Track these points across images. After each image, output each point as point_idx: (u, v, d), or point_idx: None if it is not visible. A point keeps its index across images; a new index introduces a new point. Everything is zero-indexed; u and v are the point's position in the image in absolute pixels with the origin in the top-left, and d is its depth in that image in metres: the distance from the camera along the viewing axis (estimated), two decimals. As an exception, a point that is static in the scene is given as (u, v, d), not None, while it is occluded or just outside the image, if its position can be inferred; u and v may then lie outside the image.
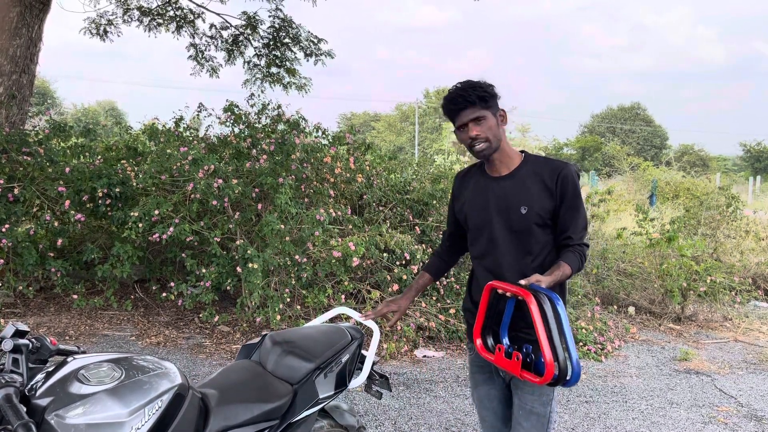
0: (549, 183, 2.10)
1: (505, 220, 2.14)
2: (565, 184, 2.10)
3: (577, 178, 2.13)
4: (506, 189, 2.16)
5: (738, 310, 7.10)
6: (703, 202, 8.78)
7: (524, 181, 2.14)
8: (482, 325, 2.08)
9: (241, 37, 9.15)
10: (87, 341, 5.05)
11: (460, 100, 2.09)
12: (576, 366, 1.81)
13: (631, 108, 49.48)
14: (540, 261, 2.14)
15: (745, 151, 43.04)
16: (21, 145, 5.54)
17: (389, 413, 3.94)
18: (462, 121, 2.11)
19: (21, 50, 6.59)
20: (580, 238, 2.12)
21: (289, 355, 2.20)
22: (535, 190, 2.11)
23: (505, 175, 2.19)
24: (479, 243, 2.24)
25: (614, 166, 23.53)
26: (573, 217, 2.11)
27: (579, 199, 2.12)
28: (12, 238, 4.96)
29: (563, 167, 2.12)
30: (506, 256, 2.15)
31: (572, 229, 2.11)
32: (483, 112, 2.09)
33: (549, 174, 2.11)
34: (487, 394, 2.37)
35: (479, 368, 2.38)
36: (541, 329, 1.81)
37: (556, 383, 1.84)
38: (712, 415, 4.17)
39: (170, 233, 5.01)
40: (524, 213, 2.10)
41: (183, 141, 6.17)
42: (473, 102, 2.08)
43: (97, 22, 8.82)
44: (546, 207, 2.10)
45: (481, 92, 2.08)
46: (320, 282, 5.39)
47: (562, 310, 1.84)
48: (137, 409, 1.59)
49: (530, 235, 2.12)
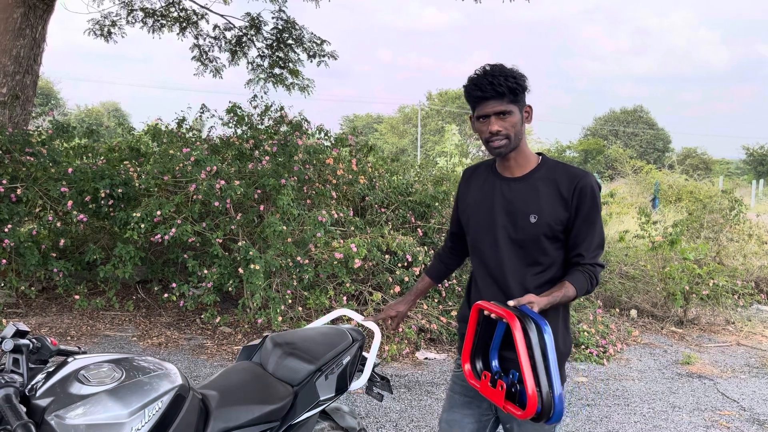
0: (565, 192, 1.89)
1: (512, 227, 1.94)
2: (583, 196, 1.88)
3: (597, 190, 1.92)
4: (517, 192, 1.95)
5: (741, 314, 7.08)
6: (705, 206, 8.76)
7: (538, 187, 1.92)
8: (471, 347, 1.91)
9: (244, 38, 9.17)
10: (88, 342, 5.05)
11: (489, 88, 1.84)
12: (558, 403, 1.64)
13: (634, 111, 49.42)
14: (548, 276, 1.94)
15: (747, 155, 42.91)
16: (24, 146, 5.55)
17: (390, 415, 3.93)
18: (485, 112, 1.88)
19: (24, 51, 6.60)
20: (593, 257, 1.91)
21: (290, 356, 2.20)
22: (548, 198, 1.90)
23: (517, 177, 1.97)
24: (481, 249, 2.03)
25: (617, 169, 23.50)
26: (588, 233, 1.90)
27: (597, 213, 1.91)
28: (14, 239, 4.97)
29: (583, 176, 1.90)
30: (510, 267, 1.94)
31: (585, 245, 1.90)
32: (510, 107, 1.86)
33: (567, 182, 1.90)
34: (460, 421, 2.11)
35: (463, 388, 2.12)
36: (524, 358, 1.63)
37: (539, 419, 1.66)
38: (715, 419, 4.15)
39: (172, 234, 5.01)
40: (534, 222, 1.89)
41: (186, 142, 6.17)
42: (502, 93, 1.84)
43: (101, 23, 8.84)
44: (559, 218, 1.89)
45: (513, 83, 1.84)
46: (322, 283, 5.39)
47: (549, 338, 1.66)
48: (137, 410, 1.58)
49: (538, 246, 1.91)
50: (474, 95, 1.88)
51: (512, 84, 1.84)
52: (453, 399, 2.16)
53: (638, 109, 49.64)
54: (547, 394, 1.64)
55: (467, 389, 2.09)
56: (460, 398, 2.13)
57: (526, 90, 1.91)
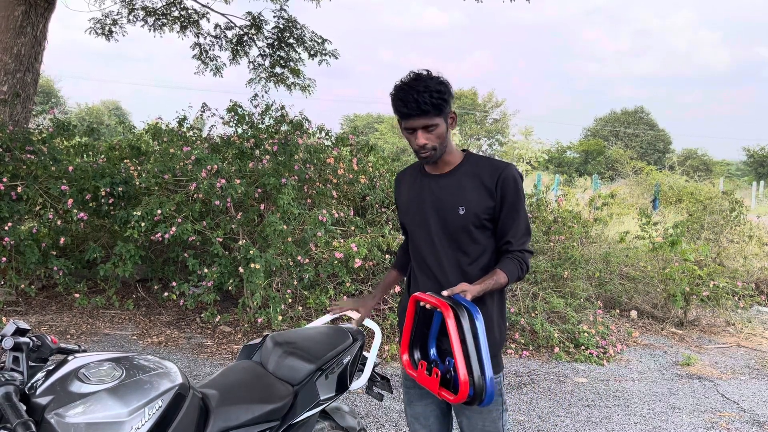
0: (489, 183, 1.99)
1: (442, 220, 2.03)
2: (506, 186, 1.98)
3: (519, 180, 2.02)
4: (444, 188, 2.04)
5: (741, 315, 7.08)
6: (706, 207, 8.77)
7: (463, 181, 2.02)
8: (409, 338, 1.97)
9: (245, 37, 9.17)
10: (88, 340, 5.05)
11: (414, 106, 1.89)
12: (489, 386, 1.71)
13: (635, 112, 49.43)
14: (481, 264, 2.03)
15: (748, 156, 42.92)
16: (24, 144, 5.54)
17: (390, 415, 3.93)
18: (411, 126, 1.94)
19: (26, 49, 6.60)
20: (521, 243, 2.01)
21: (290, 356, 2.19)
22: (474, 190, 2.00)
23: (444, 173, 2.06)
24: (418, 243, 2.12)
25: (617, 169, 23.50)
26: (513, 221, 2.00)
27: (521, 202, 2.01)
28: (15, 237, 4.96)
29: (505, 167, 2.00)
30: (444, 258, 2.04)
31: (512, 233, 2.00)
32: (435, 120, 1.92)
33: (489, 174, 1.99)
34: (423, 411, 2.20)
35: (414, 382, 2.15)
36: (456, 345, 1.70)
37: (471, 402, 1.74)
38: (715, 420, 4.15)
39: (172, 233, 5.01)
40: (462, 213, 1.99)
41: (186, 141, 6.17)
42: (427, 111, 1.89)
43: (102, 21, 8.84)
44: (485, 208, 1.98)
45: (437, 98, 1.88)
46: (322, 283, 5.39)
47: (480, 324, 1.73)
48: (137, 409, 1.58)
49: (468, 236, 2.01)
50: (400, 111, 1.94)
51: (436, 100, 1.88)
52: (409, 393, 2.23)
53: (639, 110, 49.65)
54: (479, 378, 1.70)
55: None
56: (415, 391, 2.20)
57: (450, 99, 1.94)
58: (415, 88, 1.89)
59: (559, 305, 5.70)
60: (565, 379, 4.83)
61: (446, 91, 1.92)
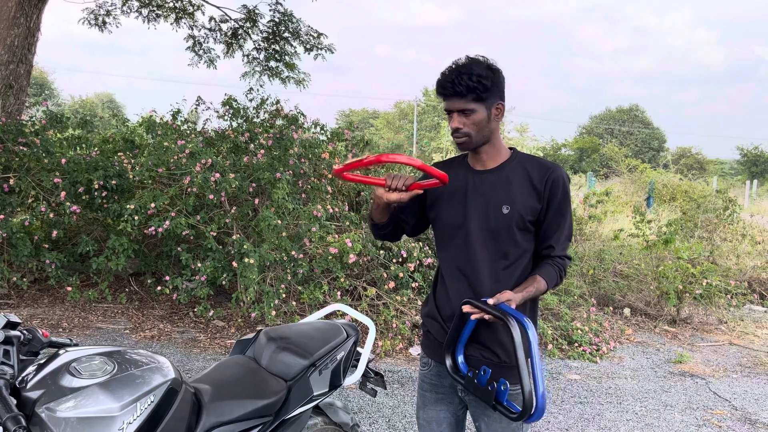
0: (537, 183, 1.91)
1: (484, 218, 1.92)
2: (555, 187, 1.90)
3: (568, 182, 1.95)
4: (489, 184, 1.95)
5: (733, 314, 7.10)
6: (700, 205, 8.80)
7: (510, 178, 1.93)
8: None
9: (240, 30, 9.11)
10: (81, 334, 5.02)
11: (449, 86, 1.85)
12: (540, 400, 1.63)
13: (630, 110, 49.50)
14: (518, 268, 1.94)
15: (742, 155, 43.06)
16: (17, 136, 5.50)
17: (383, 411, 3.93)
18: (448, 107, 1.89)
19: (19, 40, 6.54)
20: (562, 249, 1.93)
21: (283, 351, 2.18)
22: (520, 189, 1.91)
23: (489, 169, 1.97)
24: (452, 244, 2.00)
25: (612, 167, 23.55)
26: (559, 225, 1.92)
27: (568, 205, 1.93)
28: (7, 229, 4.93)
29: (555, 169, 1.92)
30: (480, 260, 1.93)
31: (556, 237, 1.92)
32: (472, 105, 1.85)
33: (539, 173, 1.91)
34: (436, 417, 2.12)
35: (431, 387, 2.13)
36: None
37: (520, 418, 1.69)
38: (707, 418, 4.17)
39: (166, 227, 4.98)
40: (506, 212, 1.89)
41: (180, 134, 6.14)
42: (461, 93, 1.84)
43: (96, 12, 8.77)
44: (531, 209, 1.90)
45: (474, 82, 1.81)
46: (316, 278, 5.37)
47: (533, 336, 1.66)
48: (129, 404, 1.57)
49: (509, 237, 1.91)
50: (438, 90, 1.91)
51: (474, 83, 1.82)
52: (425, 397, 2.17)
53: (634, 108, 49.72)
54: (530, 393, 1.64)
55: (436, 387, 2.12)
56: (431, 396, 2.14)
57: (492, 88, 1.86)
58: (455, 70, 1.85)
59: (553, 302, 5.72)
60: (558, 376, 4.84)
61: (489, 77, 1.84)
